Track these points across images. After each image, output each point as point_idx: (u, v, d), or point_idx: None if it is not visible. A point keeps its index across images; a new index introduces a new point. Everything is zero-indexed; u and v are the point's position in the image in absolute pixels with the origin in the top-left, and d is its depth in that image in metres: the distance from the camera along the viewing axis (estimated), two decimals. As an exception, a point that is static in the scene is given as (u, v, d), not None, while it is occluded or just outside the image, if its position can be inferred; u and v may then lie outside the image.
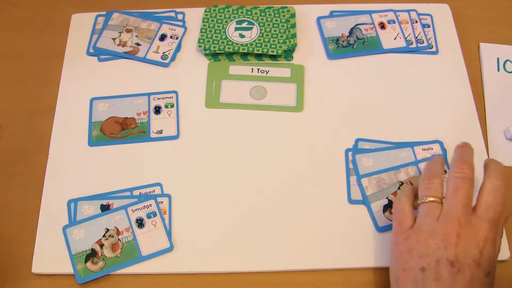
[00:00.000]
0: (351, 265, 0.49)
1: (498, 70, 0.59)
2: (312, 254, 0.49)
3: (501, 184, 0.43)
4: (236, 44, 0.59)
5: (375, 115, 0.56)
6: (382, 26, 0.61)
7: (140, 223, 0.50)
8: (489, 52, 0.60)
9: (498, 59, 0.59)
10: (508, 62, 0.59)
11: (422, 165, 0.53)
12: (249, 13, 0.62)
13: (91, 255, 0.49)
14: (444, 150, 0.54)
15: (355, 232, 0.50)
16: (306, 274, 0.49)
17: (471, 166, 0.44)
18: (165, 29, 0.62)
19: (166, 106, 0.57)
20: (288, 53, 0.60)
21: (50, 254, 0.49)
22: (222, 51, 0.59)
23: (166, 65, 0.60)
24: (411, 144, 0.54)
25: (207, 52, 0.59)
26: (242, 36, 0.60)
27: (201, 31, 0.61)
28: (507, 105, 0.57)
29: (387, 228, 0.50)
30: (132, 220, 0.50)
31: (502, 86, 0.58)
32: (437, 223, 0.42)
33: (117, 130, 0.56)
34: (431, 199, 0.44)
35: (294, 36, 0.61)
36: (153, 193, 0.52)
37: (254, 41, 0.59)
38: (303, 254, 0.49)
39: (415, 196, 0.47)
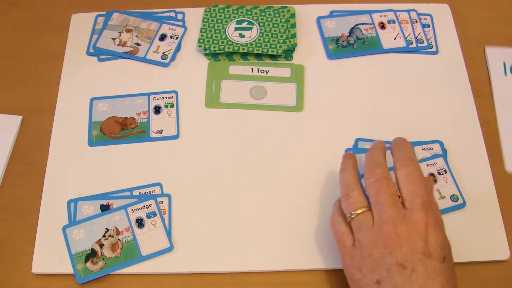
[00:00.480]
0: (351, 265, 0.48)
1: (505, 74, 0.58)
2: (312, 254, 0.49)
3: (411, 167, 0.43)
4: (236, 44, 0.59)
5: (375, 115, 0.56)
6: (382, 26, 0.61)
7: (140, 223, 0.50)
8: (495, 56, 0.60)
9: (504, 63, 0.59)
10: None
11: (421, 165, 0.53)
12: (249, 13, 0.62)
13: (91, 255, 0.49)
14: (444, 150, 0.54)
15: (355, 232, 0.50)
16: (306, 274, 0.49)
17: (381, 164, 0.44)
18: (165, 29, 0.62)
19: (166, 106, 0.57)
20: (288, 53, 0.60)
21: (50, 254, 0.49)
22: (222, 51, 0.59)
23: (166, 65, 0.60)
24: (411, 144, 0.54)
25: (207, 52, 0.59)
26: (242, 36, 0.60)
27: (201, 31, 0.61)
28: None
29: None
30: (132, 220, 0.50)
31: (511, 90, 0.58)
32: (374, 232, 0.41)
33: (117, 130, 0.56)
34: (358, 211, 0.43)
35: (294, 36, 0.61)
36: (153, 193, 0.52)
37: (254, 41, 0.59)
38: (303, 254, 0.49)
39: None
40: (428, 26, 0.62)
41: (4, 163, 0.54)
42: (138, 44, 0.61)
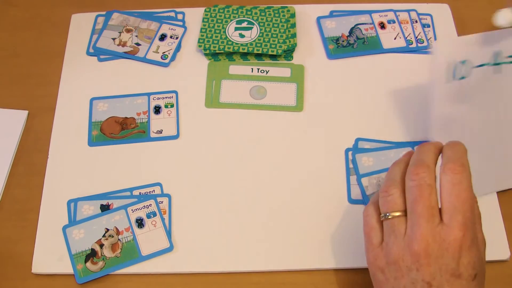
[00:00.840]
0: (351, 265, 0.48)
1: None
2: (312, 254, 0.49)
3: (460, 175, 0.38)
4: (236, 44, 0.59)
5: (375, 115, 0.56)
6: (382, 26, 0.61)
7: (140, 223, 0.50)
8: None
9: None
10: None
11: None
12: (249, 13, 0.62)
13: (91, 255, 0.49)
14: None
15: (355, 232, 0.50)
16: (306, 274, 0.49)
17: (428, 166, 0.39)
18: (165, 29, 0.62)
19: (166, 106, 0.57)
20: (288, 53, 0.60)
21: (50, 254, 0.49)
22: (222, 51, 0.59)
23: (166, 65, 0.60)
24: (411, 144, 0.54)
25: (207, 52, 0.59)
26: (242, 36, 0.60)
27: (201, 31, 0.61)
28: None
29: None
30: (132, 220, 0.50)
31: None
32: (403, 243, 0.38)
33: (117, 130, 0.56)
34: (395, 214, 0.39)
35: (294, 36, 0.61)
36: (153, 193, 0.52)
37: (254, 41, 0.59)
38: (303, 254, 0.49)
39: None
40: (428, 26, 0.62)
41: (10, 158, 0.54)
42: (138, 44, 0.61)
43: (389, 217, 0.40)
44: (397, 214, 0.39)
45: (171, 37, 0.61)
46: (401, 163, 0.43)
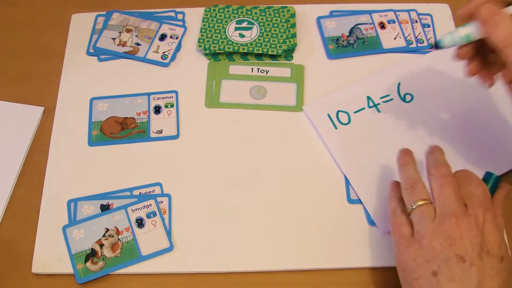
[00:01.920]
0: (351, 265, 0.49)
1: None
2: (312, 254, 0.49)
3: (469, 172, 0.44)
4: (236, 44, 0.59)
5: (375, 115, 0.56)
6: (382, 26, 0.61)
7: (140, 223, 0.50)
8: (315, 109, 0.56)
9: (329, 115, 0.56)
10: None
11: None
12: (249, 13, 0.62)
13: (91, 255, 0.49)
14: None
15: (354, 232, 0.50)
16: (306, 274, 0.49)
17: (446, 164, 0.44)
18: (165, 29, 0.62)
19: (166, 106, 0.57)
20: (288, 53, 0.60)
21: (50, 254, 0.49)
22: (222, 51, 0.59)
23: (166, 65, 0.60)
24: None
25: (207, 52, 0.59)
26: (242, 36, 0.60)
27: (201, 31, 0.61)
28: None
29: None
30: (132, 220, 0.50)
31: None
32: (435, 223, 0.41)
33: (117, 130, 0.56)
34: (420, 202, 0.43)
35: (294, 36, 0.61)
36: (153, 193, 0.52)
37: (254, 41, 0.59)
38: (303, 254, 0.49)
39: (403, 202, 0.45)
40: (428, 26, 0.62)
41: (24, 152, 0.55)
42: (138, 44, 0.61)
43: (416, 206, 0.43)
44: (424, 202, 0.43)
45: (171, 37, 0.61)
46: (411, 163, 0.46)
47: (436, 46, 0.44)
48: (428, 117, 0.55)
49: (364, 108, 0.55)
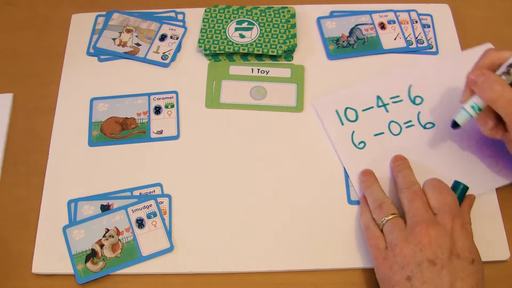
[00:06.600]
0: (351, 265, 0.49)
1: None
2: (312, 254, 0.49)
3: (438, 181, 0.47)
4: (236, 44, 0.59)
5: (375, 115, 0.57)
6: (382, 26, 0.61)
7: (140, 223, 0.50)
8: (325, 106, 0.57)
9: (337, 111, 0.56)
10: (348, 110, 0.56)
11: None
12: (249, 13, 0.62)
13: (91, 255, 0.49)
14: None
15: (354, 232, 0.50)
16: (306, 274, 0.49)
17: (416, 182, 0.48)
18: (165, 29, 0.62)
19: (166, 106, 0.57)
20: (288, 53, 0.60)
21: (50, 254, 0.49)
22: (222, 51, 0.59)
23: (166, 65, 0.60)
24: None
25: (207, 52, 0.59)
26: (242, 36, 0.60)
27: (201, 31, 0.61)
28: None
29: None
30: (132, 220, 0.50)
31: None
32: (406, 232, 0.44)
33: (117, 130, 0.56)
34: (390, 217, 0.46)
35: (294, 36, 0.61)
36: (153, 193, 0.52)
37: (254, 41, 0.59)
38: (303, 254, 0.49)
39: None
40: (428, 26, 0.62)
41: (3, 142, 0.55)
42: (138, 44, 0.61)
43: (386, 220, 0.46)
44: (393, 216, 0.46)
45: (171, 37, 0.61)
46: (375, 183, 0.50)
47: (453, 126, 0.48)
48: (437, 120, 0.55)
49: (372, 107, 0.56)
